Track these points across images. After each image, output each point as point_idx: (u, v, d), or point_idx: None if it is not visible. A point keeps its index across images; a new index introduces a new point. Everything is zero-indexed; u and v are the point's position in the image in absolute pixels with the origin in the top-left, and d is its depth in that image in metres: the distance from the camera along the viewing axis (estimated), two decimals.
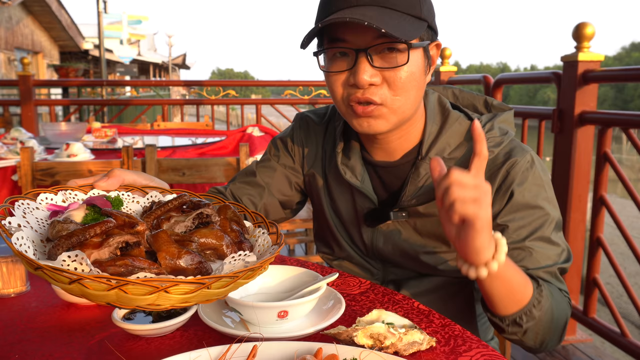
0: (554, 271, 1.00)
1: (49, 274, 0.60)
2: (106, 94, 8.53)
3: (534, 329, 0.94)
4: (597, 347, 2.73)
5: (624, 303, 4.86)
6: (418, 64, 0.99)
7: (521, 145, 1.06)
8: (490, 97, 1.18)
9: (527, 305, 0.92)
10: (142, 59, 27.68)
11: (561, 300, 0.99)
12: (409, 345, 0.77)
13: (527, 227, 1.00)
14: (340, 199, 1.18)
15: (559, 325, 0.98)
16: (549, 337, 0.97)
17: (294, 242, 3.92)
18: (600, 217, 2.58)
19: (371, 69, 0.96)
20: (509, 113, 1.11)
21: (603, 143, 2.52)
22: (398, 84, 0.97)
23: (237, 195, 1.24)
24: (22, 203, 0.77)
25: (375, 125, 1.01)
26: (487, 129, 1.05)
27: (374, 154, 1.13)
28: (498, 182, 1.03)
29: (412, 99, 1.00)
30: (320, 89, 5.82)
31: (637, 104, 44.67)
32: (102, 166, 2.19)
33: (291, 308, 0.81)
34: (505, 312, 0.93)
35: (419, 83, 1.00)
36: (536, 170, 1.03)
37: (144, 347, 0.80)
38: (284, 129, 1.33)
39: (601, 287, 2.61)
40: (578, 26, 2.55)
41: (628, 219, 7.69)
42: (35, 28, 17.49)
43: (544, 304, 0.93)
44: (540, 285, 0.95)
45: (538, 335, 0.96)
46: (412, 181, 1.07)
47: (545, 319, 0.94)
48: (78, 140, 3.20)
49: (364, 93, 0.97)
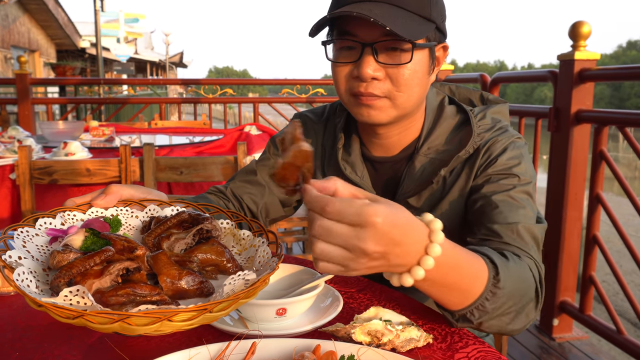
0: (517, 228, 0.95)
1: (52, 311, 0.61)
2: (103, 92, 8.52)
3: (489, 322, 0.83)
4: (593, 345, 2.75)
5: (620, 301, 4.88)
6: (422, 63, 1.01)
7: (511, 131, 1.09)
8: (486, 92, 1.21)
9: (478, 298, 0.79)
10: (139, 57, 27.61)
11: (524, 277, 0.88)
12: (406, 342, 0.77)
13: (499, 187, 1.01)
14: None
15: (522, 307, 0.87)
16: (514, 320, 0.87)
17: (291, 241, 3.92)
18: (596, 215, 2.60)
19: (375, 63, 0.99)
20: (503, 105, 1.14)
21: (599, 141, 2.53)
22: (401, 80, 1.00)
23: (238, 194, 1.24)
24: (22, 231, 0.77)
25: (376, 116, 1.03)
26: (479, 117, 1.09)
27: (372, 150, 1.16)
28: (480, 159, 1.05)
29: (415, 96, 1.03)
30: (317, 87, 5.82)
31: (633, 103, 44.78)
32: (100, 165, 2.19)
33: (289, 305, 0.81)
34: (451, 307, 0.81)
35: (421, 82, 1.03)
36: (517, 148, 1.06)
37: (144, 344, 0.81)
38: (281, 128, 1.33)
39: (597, 284, 2.63)
40: (574, 25, 2.56)
41: (624, 217, 7.71)
42: (31, 26, 17.44)
43: (501, 293, 0.81)
44: (497, 267, 0.81)
45: (494, 326, 0.86)
46: (408, 175, 1.10)
47: (502, 309, 0.83)
48: (75, 138, 3.20)
49: (366, 87, 1.00)
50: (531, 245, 0.96)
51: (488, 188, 1.02)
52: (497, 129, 1.08)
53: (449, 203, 1.08)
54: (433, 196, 1.09)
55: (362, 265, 0.65)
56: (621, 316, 4.83)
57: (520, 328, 0.91)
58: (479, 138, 1.06)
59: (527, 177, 1.03)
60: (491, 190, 1.01)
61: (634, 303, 2.44)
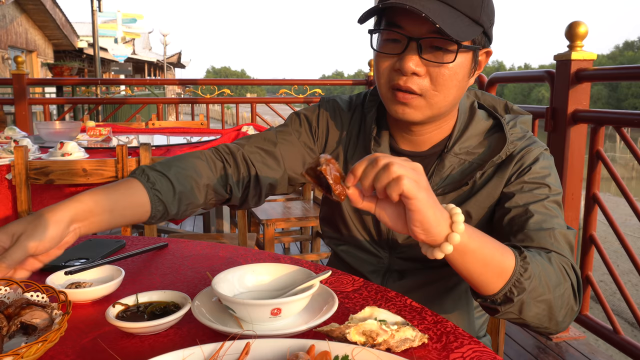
0: (554, 233, 0.98)
1: None
2: (101, 92, 8.51)
3: (530, 302, 0.88)
4: (590, 344, 2.75)
5: (618, 300, 4.89)
6: (464, 65, 1.02)
7: (540, 142, 1.12)
8: (511, 102, 1.23)
9: (512, 276, 0.85)
10: (137, 57, 27.60)
11: (556, 267, 0.92)
12: (401, 342, 0.77)
13: (533, 197, 1.03)
14: None
15: (561, 294, 0.91)
16: (554, 309, 0.90)
17: (289, 241, 3.92)
18: (593, 215, 2.60)
19: (418, 59, 0.99)
20: (527, 117, 1.17)
21: (596, 141, 2.54)
22: (440, 80, 1.00)
23: (251, 160, 1.17)
24: None
25: (410, 114, 1.04)
26: (510, 125, 1.11)
27: (401, 144, 1.17)
28: (513, 167, 1.07)
29: (451, 97, 1.04)
30: (314, 87, 5.82)
31: (630, 103, 44.87)
32: (97, 165, 2.19)
33: (284, 306, 0.81)
34: (492, 290, 0.87)
35: (460, 84, 1.03)
36: (547, 159, 1.08)
37: (137, 344, 0.81)
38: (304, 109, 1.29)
39: (594, 284, 2.63)
40: (571, 25, 2.56)
41: (622, 217, 7.73)
42: (29, 26, 17.41)
43: (533, 271, 0.87)
44: (523, 252, 0.88)
45: (539, 309, 0.89)
46: (437, 172, 1.11)
47: (539, 289, 0.88)
48: (72, 139, 3.19)
49: (406, 81, 1.00)
50: (567, 250, 0.98)
51: (522, 197, 1.03)
52: (528, 138, 1.10)
53: (476, 205, 1.09)
54: (460, 197, 1.10)
55: (425, 181, 0.77)
56: (619, 316, 4.84)
57: (563, 320, 0.93)
58: (512, 145, 1.07)
59: (557, 188, 1.05)
60: (525, 199, 1.02)
61: (631, 303, 2.45)
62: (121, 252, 1.24)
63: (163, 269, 1.14)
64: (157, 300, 0.90)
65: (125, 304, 0.88)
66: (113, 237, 1.34)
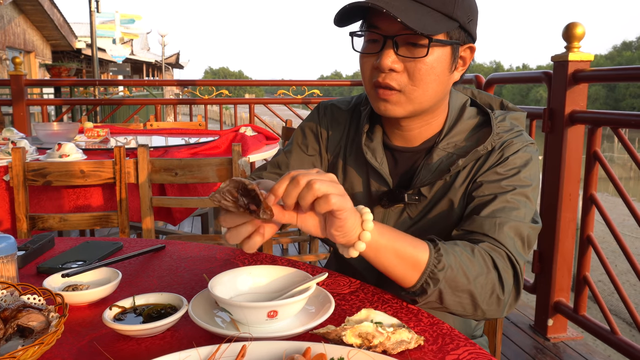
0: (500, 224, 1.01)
1: None
2: (99, 93, 8.50)
3: (449, 292, 0.93)
4: (587, 345, 2.76)
5: (616, 300, 4.90)
6: (441, 60, 1.05)
7: (527, 137, 1.13)
8: (506, 100, 1.26)
9: (426, 267, 0.91)
10: (135, 58, 27.58)
11: (479, 257, 0.96)
12: (397, 344, 0.78)
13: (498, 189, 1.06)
14: (356, 180, 1.23)
15: (482, 284, 0.95)
16: (477, 298, 0.95)
17: (287, 242, 3.92)
18: (590, 215, 2.60)
19: (394, 55, 1.03)
20: (520, 114, 1.19)
21: (593, 142, 2.54)
22: (417, 75, 1.03)
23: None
24: None
25: (391, 110, 1.08)
26: (499, 119, 1.13)
27: (394, 140, 1.20)
28: (494, 157, 1.09)
29: (431, 91, 1.06)
30: (313, 88, 5.82)
31: (628, 103, 44.94)
32: (94, 166, 2.19)
33: (281, 308, 0.81)
34: (409, 282, 0.93)
35: (439, 78, 1.06)
36: (528, 152, 1.10)
37: (134, 347, 0.81)
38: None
39: (591, 284, 2.63)
40: (568, 26, 2.57)
41: (620, 217, 7.73)
42: (27, 27, 17.39)
43: (447, 263, 0.92)
44: (437, 245, 0.94)
45: (460, 299, 0.94)
46: (425, 166, 1.14)
47: (458, 279, 0.92)
48: (70, 140, 3.19)
49: (384, 78, 1.05)
50: (512, 242, 1.01)
51: (488, 187, 1.07)
52: (515, 132, 1.12)
53: (458, 193, 1.11)
54: (444, 187, 1.13)
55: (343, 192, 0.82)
56: (617, 316, 4.85)
57: (488, 309, 0.97)
58: (498, 137, 1.10)
59: (529, 181, 1.07)
60: (490, 189, 1.06)
61: (628, 303, 2.45)
62: (118, 254, 1.24)
63: (160, 271, 1.14)
64: (154, 302, 0.91)
65: (122, 306, 0.89)
66: (110, 239, 1.34)
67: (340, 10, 1.02)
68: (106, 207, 2.39)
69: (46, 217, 2.15)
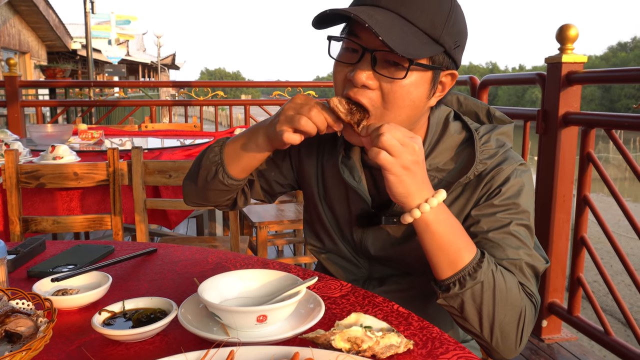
0: (520, 264, 0.98)
1: None
2: (94, 95, 8.47)
3: (468, 304, 0.91)
4: (582, 346, 2.76)
5: (611, 301, 4.90)
6: (420, 85, 0.96)
7: (515, 156, 1.06)
8: (494, 108, 1.17)
9: (461, 270, 0.91)
10: (131, 59, 27.50)
11: (514, 290, 0.94)
12: (386, 349, 0.77)
13: (496, 222, 1.00)
14: (335, 194, 1.17)
15: (508, 315, 0.92)
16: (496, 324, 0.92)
17: (282, 243, 3.92)
18: (583, 216, 2.61)
19: (370, 71, 0.95)
20: (508, 126, 1.11)
21: (586, 144, 2.55)
22: (391, 97, 0.95)
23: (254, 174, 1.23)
24: None
25: (356, 140, 1.00)
26: (483, 140, 1.05)
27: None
28: (482, 189, 1.03)
29: (403, 117, 0.98)
30: (308, 89, 5.82)
31: (623, 104, 45.08)
32: (88, 168, 2.18)
33: (270, 312, 0.81)
34: (440, 275, 0.94)
35: (414, 104, 0.97)
36: (519, 176, 1.03)
37: (123, 352, 0.81)
38: None
39: (585, 285, 2.64)
40: (561, 28, 2.58)
41: (614, 217, 7.74)
42: (22, 28, 17.32)
43: (483, 278, 0.89)
44: (486, 258, 0.92)
45: (475, 316, 0.92)
46: None
47: (484, 295, 0.90)
48: (64, 142, 3.18)
49: (356, 93, 0.96)
50: (533, 282, 0.99)
51: (486, 222, 1.01)
52: (501, 155, 1.05)
53: None
54: None
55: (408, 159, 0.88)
56: (612, 316, 4.85)
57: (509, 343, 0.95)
58: (482, 165, 1.03)
59: (527, 208, 1.02)
60: (489, 224, 1.00)
61: (621, 304, 2.46)
62: (110, 258, 1.24)
63: (151, 275, 1.13)
64: (143, 307, 0.90)
65: (111, 310, 0.88)
66: (103, 242, 1.34)
67: (319, 14, 0.94)
68: (100, 210, 2.38)
69: (39, 220, 2.14)
